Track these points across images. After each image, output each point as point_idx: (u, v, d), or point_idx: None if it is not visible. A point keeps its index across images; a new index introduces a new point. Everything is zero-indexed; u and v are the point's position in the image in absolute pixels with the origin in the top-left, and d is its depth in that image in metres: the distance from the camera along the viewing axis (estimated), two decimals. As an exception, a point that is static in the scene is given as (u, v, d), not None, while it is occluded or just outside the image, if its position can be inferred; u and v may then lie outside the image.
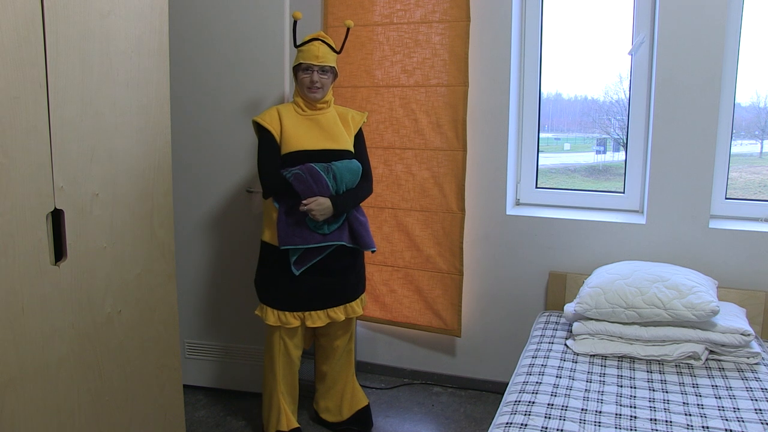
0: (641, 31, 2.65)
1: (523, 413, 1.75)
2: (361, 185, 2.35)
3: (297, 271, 2.24)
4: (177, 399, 2.18)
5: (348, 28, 2.45)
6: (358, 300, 2.44)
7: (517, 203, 3.00)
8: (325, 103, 2.36)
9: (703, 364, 2.08)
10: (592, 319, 2.23)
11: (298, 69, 2.32)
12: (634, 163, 2.77)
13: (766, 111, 2.69)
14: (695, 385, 1.93)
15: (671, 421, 1.70)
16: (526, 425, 1.68)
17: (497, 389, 2.93)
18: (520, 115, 2.91)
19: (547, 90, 2.94)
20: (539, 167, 2.97)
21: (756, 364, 2.07)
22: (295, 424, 2.44)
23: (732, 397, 1.85)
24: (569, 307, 2.34)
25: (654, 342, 2.14)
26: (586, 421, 1.71)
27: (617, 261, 2.58)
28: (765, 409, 1.75)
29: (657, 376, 2.00)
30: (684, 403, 1.82)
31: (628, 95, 2.77)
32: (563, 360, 2.12)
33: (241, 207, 2.75)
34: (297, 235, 2.21)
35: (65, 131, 1.60)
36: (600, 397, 1.85)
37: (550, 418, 1.72)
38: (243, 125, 2.66)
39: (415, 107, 2.83)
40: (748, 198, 2.69)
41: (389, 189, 2.94)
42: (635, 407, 1.79)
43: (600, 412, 1.76)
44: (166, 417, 2.11)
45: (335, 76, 2.38)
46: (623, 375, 2.01)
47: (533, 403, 1.81)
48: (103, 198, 1.77)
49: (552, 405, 1.79)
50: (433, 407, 2.83)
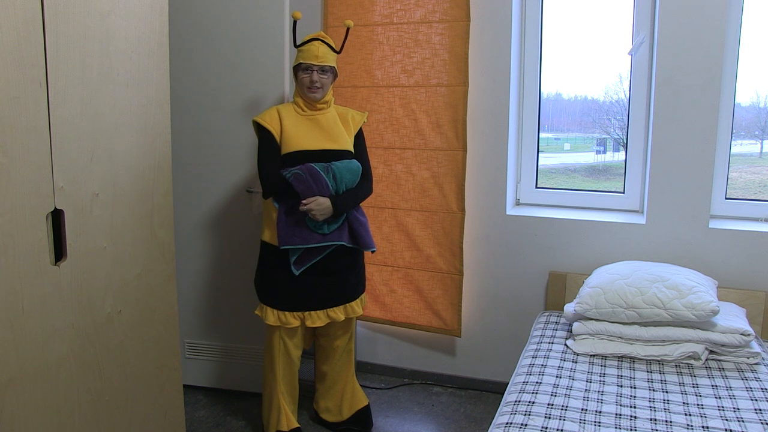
0: (641, 31, 2.65)
1: (523, 413, 1.75)
2: (361, 185, 2.35)
3: (297, 271, 2.24)
4: (177, 399, 2.18)
5: (348, 28, 2.45)
6: (358, 300, 2.44)
7: (517, 203, 3.00)
8: (325, 103, 2.36)
9: (703, 364, 2.08)
10: (592, 319, 2.23)
11: (298, 69, 2.32)
12: (634, 163, 2.77)
13: (766, 111, 2.69)
14: (695, 385, 1.93)
15: (671, 421, 1.70)
16: (526, 425, 1.68)
17: (497, 389, 2.93)
18: (520, 115, 2.91)
19: (547, 90, 2.94)
20: (539, 167, 2.97)
21: (756, 364, 2.07)
22: (295, 424, 2.44)
23: (732, 397, 1.85)
24: (569, 307, 2.35)
25: (654, 342, 2.14)
26: (586, 421, 1.71)
27: (617, 261, 2.58)
28: (765, 409, 1.75)
29: (657, 376, 2.00)
30: (684, 403, 1.82)
31: (628, 95, 2.77)
32: (563, 360, 2.12)
33: (241, 207, 2.75)
34: (297, 235, 2.21)
35: (65, 131, 1.60)
36: (600, 397, 1.85)
37: (550, 418, 1.72)
38: (243, 125, 2.66)
39: (415, 107, 2.83)
40: (748, 198, 2.69)
41: (389, 189, 2.94)
42: (635, 407, 1.79)
43: (600, 412, 1.76)
44: (166, 417, 2.11)
45: (335, 76, 2.38)
46: (623, 375, 2.01)
47: (533, 403, 1.81)
48: (103, 198, 1.77)
49: (552, 405, 1.79)
50: (433, 407, 2.83)
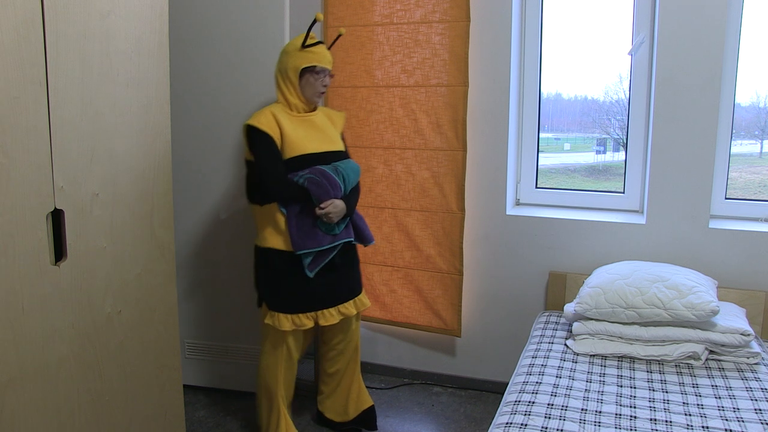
0: (641, 31, 2.65)
1: (523, 413, 1.75)
2: (358, 183, 2.37)
3: (311, 273, 2.22)
4: (177, 399, 2.18)
5: (339, 35, 2.45)
6: (363, 292, 2.45)
7: (517, 203, 2.99)
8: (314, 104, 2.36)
9: (703, 364, 2.08)
10: (592, 319, 2.23)
11: (308, 72, 2.25)
12: (634, 163, 2.77)
13: (766, 111, 2.69)
14: (695, 385, 1.93)
15: (671, 421, 1.70)
16: (526, 425, 1.68)
17: (497, 389, 2.93)
18: (520, 115, 2.91)
19: (547, 90, 2.94)
20: (539, 167, 2.96)
21: (756, 364, 2.07)
22: (295, 430, 2.42)
23: (732, 397, 1.85)
24: (569, 307, 2.35)
25: (654, 342, 2.14)
26: (586, 421, 1.71)
27: (617, 261, 2.58)
28: (765, 409, 1.75)
29: (657, 376, 2.00)
30: (684, 403, 1.82)
31: (628, 95, 2.77)
32: (563, 360, 2.12)
33: (241, 207, 2.75)
34: (311, 238, 2.21)
35: (65, 131, 1.60)
36: (600, 397, 1.85)
37: (550, 418, 1.72)
38: (242, 127, 2.66)
39: (415, 107, 2.83)
40: (748, 198, 2.69)
41: (389, 189, 2.94)
42: (635, 407, 1.79)
43: (600, 412, 1.76)
44: (166, 417, 2.11)
45: None
46: (623, 375, 2.01)
47: (533, 403, 1.81)
48: (103, 198, 1.77)
49: (552, 405, 1.79)
50: (433, 407, 2.83)
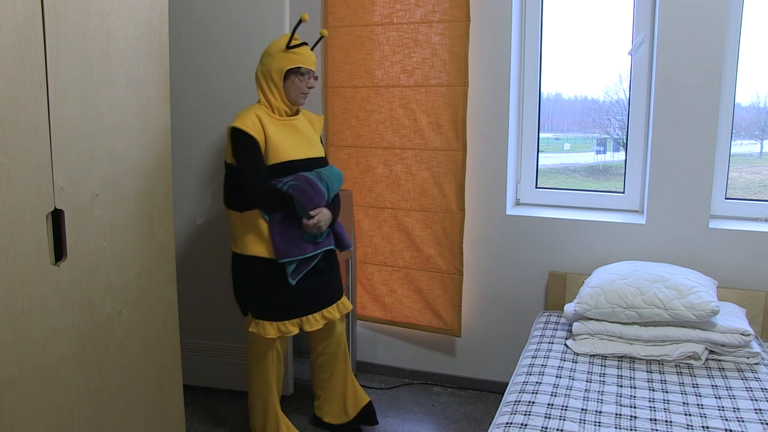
0: (641, 31, 2.65)
1: (523, 413, 1.75)
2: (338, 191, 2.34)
3: (294, 281, 2.21)
4: (177, 399, 2.18)
5: (321, 37, 2.40)
6: (344, 296, 2.43)
7: (517, 203, 3.00)
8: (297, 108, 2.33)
9: (703, 364, 2.08)
10: (592, 319, 2.23)
11: (293, 73, 2.21)
12: (634, 163, 2.77)
13: (766, 111, 2.69)
14: (695, 385, 1.93)
15: (671, 421, 1.70)
16: (526, 425, 1.68)
17: (497, 389, 2.93)
18: (520, 115, 2.91)
19: (547, 90, 2.94)
20: (539, 167, 2.96)
21: (756, 364, 2.07)
22: (295, 430, 2.42)
23: (732, 397, 1.85)
24: (569, 307, 2.35)
25: (654, 342, 2.14)
26: (586, 421, 1.71)
27: (617, 261, 2.58)
28: (765, 409, 1.75)
29: (657, 376, 2.00)
30: (684, 403, 1.82)
31: (628, 95, 2.77)
32: (563, 360, 2.12)
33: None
34: (294, 246, 2.18)
35: (65, 131, 1.60)
36: (600, 397, 1.85)
37: (550, 418, 1.72)
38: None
39: (415, 107, 2.83)
40: (748, 198, 2.69)
41: (389, 189, 2.94)
42: (635, 407, 1.79)
43: (600, 412, 1.76)
44: (166, 417, 2.11)
45: None
46: (623, 375, 2.01)
47: (533, 403, 1.81)
48: (103, 198, 1.77)
49: (552, 405, 1.79)
50: (433, 407, 2.83)
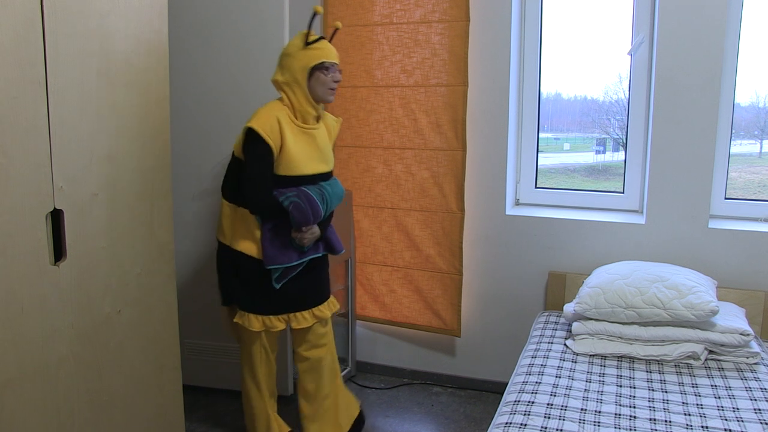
0: (641, 31, 2.65)
1: (523, 413, 1.75)
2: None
3: (278, 285, 2.18)
4: (177, 399, 2.18)
5: (336, 29, 2.29)
6: (332, 296, 2.38)
7: (517, 203, 3.00)
8: (319, 115, 2.21)
9: (703, 364, 2.08)
10: (591, 319, 2.23)
11: (316, 69, 2.08)
12: (633, 163, 2.77)
13: (766, 111, 2.69)
14: (694, 385, 1.93)
15: (671, 421, 1.70)
16: (526, 425, 1.68)
17: (497, 389, 2.93)
18: (520, 115, 2.91)
19: (546, 90, 2.94)
20: (539, 167, 2.97)
21: (755, 364, 2.07)
22: (288, 428, 2.39)
23: (731, 397, 1.85)
24: (569, 307, 2.35)
25: (653, 342, 2.14)
26: (586, 421, 1.71)
27: (617, 261, 2.57)
28: (764, 409, 1.75)
29: (656, 376, 2.00)
30: (683, 403, 1.82)
31: (627, 95, 2.77)
32: (563, 360, 2.12)
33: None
34: (282, 254, 2.14)
35: (65, 131, 1.60)
36: (599, 397, 1.85)
37: (549, 418, 1.72)
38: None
39: (415, 107, 2.83)
40: (747, 198, 2.69)
41: (389, 189, 2.94)
42: (635, 407, 1.79)
43: (599, 412, 1.76)
44: (166, 417, 2.11)
45: None
46: (623, 375, 2.01)
47: (533, 403, 1.81)
48: (103, 198, 1.77)
49: (551, 405, 1.79)
50: (433, 407, 2.83)
